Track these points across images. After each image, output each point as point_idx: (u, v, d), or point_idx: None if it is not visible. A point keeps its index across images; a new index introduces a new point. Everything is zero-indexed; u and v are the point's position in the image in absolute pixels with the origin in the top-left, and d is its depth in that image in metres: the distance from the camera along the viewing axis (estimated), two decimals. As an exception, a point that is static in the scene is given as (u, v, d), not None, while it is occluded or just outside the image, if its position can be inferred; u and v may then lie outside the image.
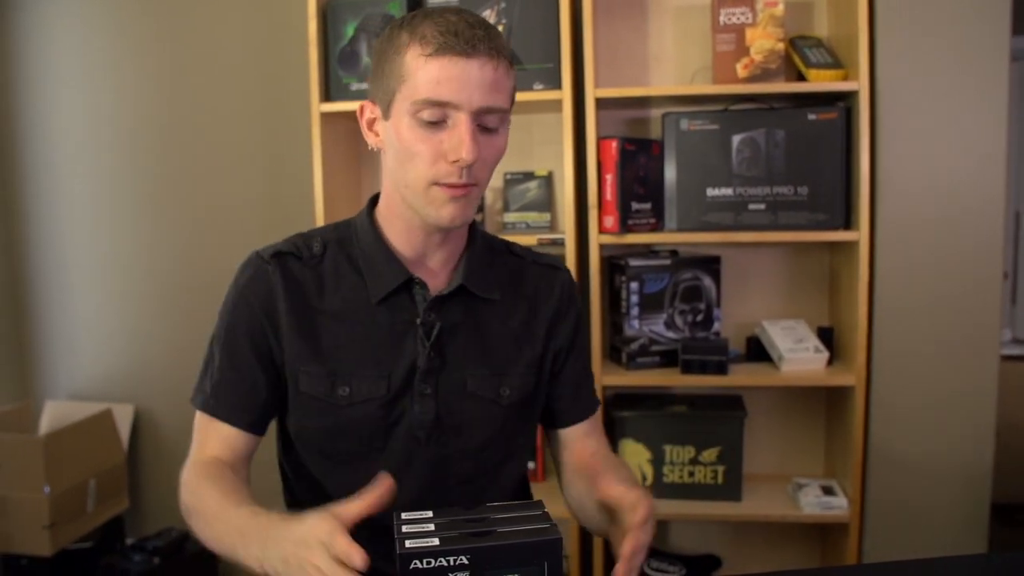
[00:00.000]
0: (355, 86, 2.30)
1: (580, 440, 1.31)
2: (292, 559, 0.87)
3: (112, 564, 2.54)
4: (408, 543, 0.86)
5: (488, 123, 1.08)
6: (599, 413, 1.35)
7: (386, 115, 1.11)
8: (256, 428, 1.19)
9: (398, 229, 1.18)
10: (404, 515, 0.92)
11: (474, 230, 1.25)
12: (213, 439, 1.17)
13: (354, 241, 1.21)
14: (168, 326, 2.83)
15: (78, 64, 2.81)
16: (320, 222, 2.30)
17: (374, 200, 1.24)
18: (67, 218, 2.88)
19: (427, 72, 1.04)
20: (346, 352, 1.16)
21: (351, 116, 2.39)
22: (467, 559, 0.85)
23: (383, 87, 1.10)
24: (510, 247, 1.30)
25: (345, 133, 2.45)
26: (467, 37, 1.03)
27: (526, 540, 0.88)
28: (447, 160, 1.06)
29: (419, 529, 0.88)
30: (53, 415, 2.84)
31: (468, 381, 1.19)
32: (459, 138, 1.05)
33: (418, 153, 1.07)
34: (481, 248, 1.24)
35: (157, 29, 2.74)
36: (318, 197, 2.31)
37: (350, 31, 2.29)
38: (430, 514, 0.92)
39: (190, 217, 2.78)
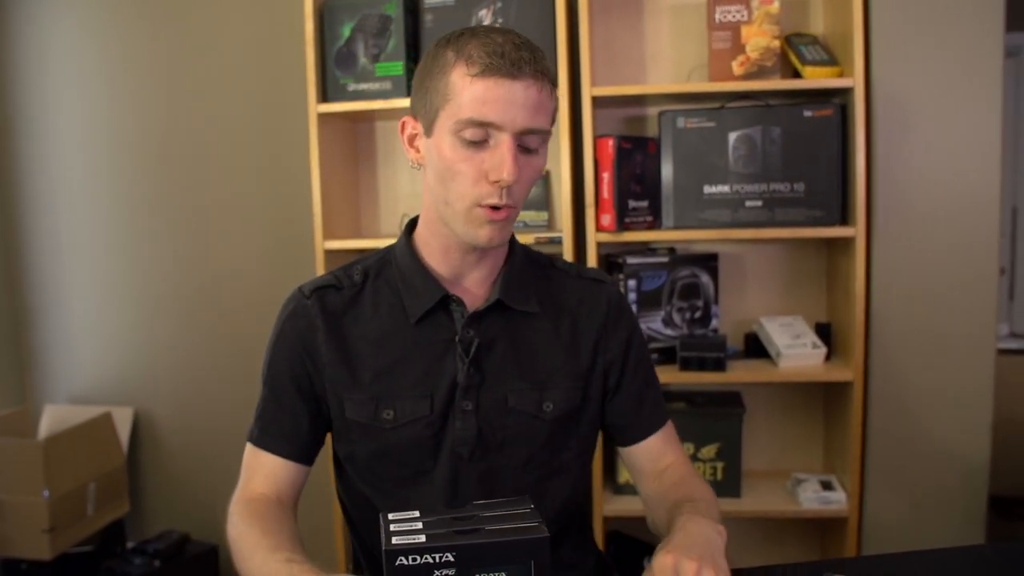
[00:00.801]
0: (352, 86, 2.30)
1: (652, 457, 1.28)
2: None
3: (112, 567, 2.54)
4: (394, 540, 0.85)
5: (529, 144, 1.09)
6: (670, 426, 1.31)
7: (428, 132, 1.12)
8: (300, 458, 1.21)
9: (435, 248, 1.19)
10: (391, 515, 0.92)
11: (513, 245, 1.25)
12: (259, 472, 1.20)
13: (393, 265, 1.23)
14: (167, 328, 2.83)
15: (75, 65, 2.81)
16: (318, 223, 2.31)
17: (413, 223, 1.26)
18: (65, 221, 2.88)
19: (472, 92, 1.05)
20: (388, 376, 1.18)
21: (348, 116, 2.40)
22: (453, 556, 0.85)
23: (426, 104, 1.11)
24: (554, 261, 1.30)
25: (342, 133, 2.46)
26: (513, 59, 1.04)
27: (513, 538, 0.88)
28: (488, 180, 1.07)
29: (406, 528, 0.88)
30: (53, 419, 2.84)
31: (508, 396, 1.19)
32: (501, 158, 1.06)
33: (460, 172, 1.08)
34: (521, 262, 1.24)
35: (154, 30, 2.74)
36: (316, 198, 2.31)
37: (347, 32, 2.30)
38: (417, 513, 0.92)
39: (188, 218, 2.78)
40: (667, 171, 2.24)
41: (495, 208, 1.09)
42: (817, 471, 2.41)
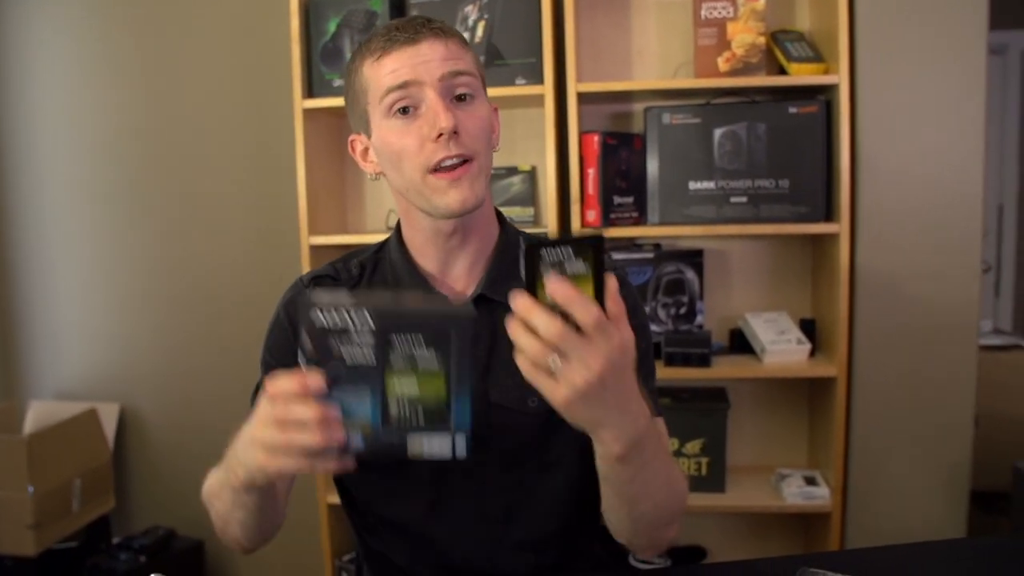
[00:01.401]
0: (338, 82, 2.29)
1: None
2: (253, 445, 0.90)
3: (98, 563, 2.53)
4: (317, 299, 0.84)
5: (459, 89, 1.10)
6: (661, 426, 1.19)
7: (369, 134, 1.14)
8: None
9: (419, 243, 1.19)
10: (323, 291, 0.90)
11: (505, 231, 1.24)
12: None
13: (386, 260, 1.24)
14: (153, 324, 2.82)
15: (60, 63, 2.79)
16: (304, 218, 2.31)
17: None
18: (50, 217, 2.86)
19: (383, 69, 1.09)
20: None
21: (334, 112, 2.39)
22: (373, 322, 0.83)
23: (358, 111, 1.15)
24: None
25: (328, 129, 2.45)
26: (409, 29, 1.09)
27: (437, 311, 0.87)
28: (431, 140, 1.07)
29: (334, 296, 0.87)
30: (38, 415, 2.83)
31: (491, 391, 1.18)
32: (433, 111, 1.07)
33: (405, 147, 1.09)
34: (514, 250, 1.22)
35: (139, 27, 2.72)
36: (301, 193, 2.31)
37: (332, 27, 2.29)
38: (347, 291, 0.91)
39: (174, 215, 2.77)
40: (652, 167, 2.25)
41: (450, 168, 1.08)
42: (801, 466, 2.42)
